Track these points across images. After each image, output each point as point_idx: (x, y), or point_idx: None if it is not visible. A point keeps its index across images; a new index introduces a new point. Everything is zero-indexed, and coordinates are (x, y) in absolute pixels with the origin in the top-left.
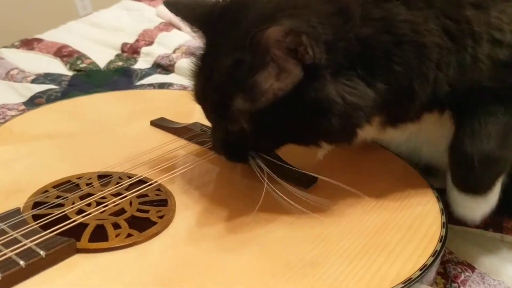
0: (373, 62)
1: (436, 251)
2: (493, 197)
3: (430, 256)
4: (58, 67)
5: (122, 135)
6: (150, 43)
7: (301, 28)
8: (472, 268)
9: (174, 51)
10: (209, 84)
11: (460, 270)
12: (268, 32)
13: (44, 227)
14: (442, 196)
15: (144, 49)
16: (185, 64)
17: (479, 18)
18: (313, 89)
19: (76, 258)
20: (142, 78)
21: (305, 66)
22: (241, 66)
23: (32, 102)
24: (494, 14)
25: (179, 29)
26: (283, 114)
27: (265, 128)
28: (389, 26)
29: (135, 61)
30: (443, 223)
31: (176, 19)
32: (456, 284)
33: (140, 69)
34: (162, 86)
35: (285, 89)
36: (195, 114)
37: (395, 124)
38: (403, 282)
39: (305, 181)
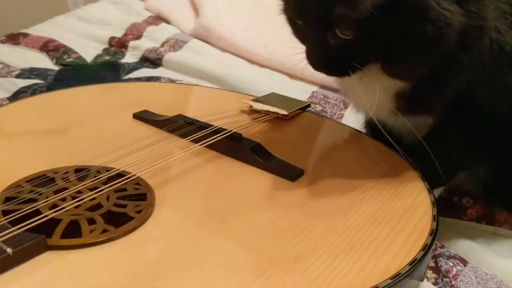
0: None
1: (427, 245)
2: None
3: (420, 250)
4: (44, 62)
5: (103, 128)
6: (138, 37)
7: None
8: (464, 262)
9: (162, 45)
10: None
11: (452, 264)
12: None
13: (15, 223)
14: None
15: (132, 43)
16: (173, 57)
17: None
18: None
19: (47, 256)
20: (129, 72)
21: None
22: None
23: (17, 97)
24: None
25: (168, 22)
26: (383, 22)
27: (366, 38)
28: None
29: (123, 55)
30: (434, 216)
31: (164, 13)
32: (447, 279)
33: (127, 63)
34: (149, 80)
35: None
36: (180, 107)
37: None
38: (391, 278)
39: (292, 174)
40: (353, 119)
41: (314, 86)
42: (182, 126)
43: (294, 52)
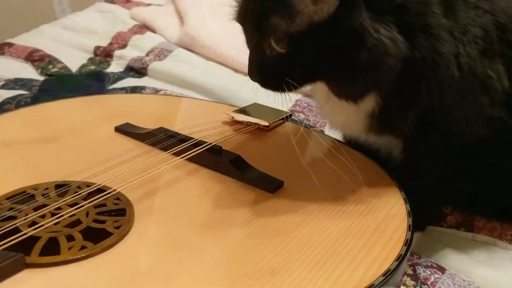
0: (408, 23)
1: (401, 255)
2: None
3: (394, 261)
4: (29, 72)
5: (84, 141)
6: (124, 46)
7: None
8: (442, 270)
9: (147, 54)
10: (250, 2)
11: (430, 273)
12: None
13: None
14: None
15: (117, 52)
16: (158, 66)
17: None
18: (348, 16)
19: (25, 274)
20: (114, 81)
21: None
22: None
23: (2, 108)
24: None
25: (153, 31)
26: (318, 41)
27: (300, 54)
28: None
29: (108, 65)
30: (409, 225)
31: (150, 21)
32: (426, 286)
33: (112, 73)
34: (134, 89)
35: (321, 14)
36: (163, 119)
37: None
38: None
39: (271, 185)
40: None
41: (297, 94)
42: (163, 139)
43: None
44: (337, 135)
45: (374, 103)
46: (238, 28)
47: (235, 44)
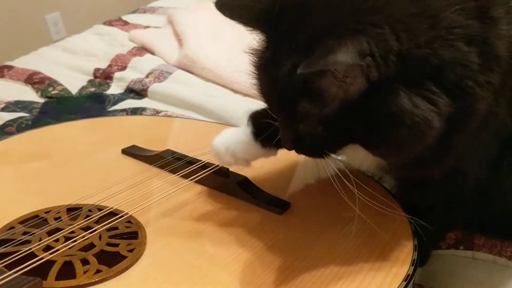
0: (446, 85)
1: (409, 275)
2: None
3: (402, 281)
4: (29, 95)
5: (92, 164)
6: (123, 68)
7: (365, 50)
8: None
9: (147, 76)
10: (275, 87)
11: None
12: (329, 59)
13: (10, 266)
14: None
15: (117, 74)
16: (158, 88)
17: None
18: (382, 97)
19: None
20: (115, 103)
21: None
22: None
23: (2, 131)
24: None
25: (152, 53)
26: (352, 118)
27: (334, 132)
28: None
29: (108, 87)
30: (415, 245)
31: (148, 44)
32: None
33: (113, 95)
34: (135, 111)
35: (352, 97)
36: (168, 141)
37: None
38: None
39: (279, 207)
40: None
41: None
42: (171, 162)
43: None
44: None
45: None
46: (236, 50)
47: (234, 65)
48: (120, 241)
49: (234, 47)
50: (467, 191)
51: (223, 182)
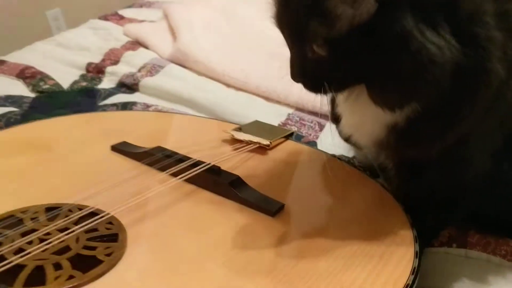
0: (459, 21)
1: (408, 284)
2: None
3: None
4: (20, 89)
5: (79, 161)
6: (116, 62)
7: None
8: None
9: (139, 70)
10: (287, 8)
11: None
12: None
13: None
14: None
15: (109, 69)
16: (150, 82)
17: None
18: (389, 19)
19: None
20: (105, 98)
21: None
22: None
23: None
24: None
25: (146, 47)
26: (359, 44)
27: (341, 58)
28: None
29: (100, 81)
30: (416, 252)
31: (142, 37)
32: None
33: (104, 89)
34: (125, 105)
35: (360, 18)
36: (159, 137)
37: None
38: None
39: (271, 209)
40: (329, 141)
41: (290, 108)
42: (161, 159)
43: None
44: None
45: (403, 116)
46: (229, 44)
47: (226, 59)
48: (98, 244)
49: (227, 41)
50: (468, 183)
51: (214, 181)
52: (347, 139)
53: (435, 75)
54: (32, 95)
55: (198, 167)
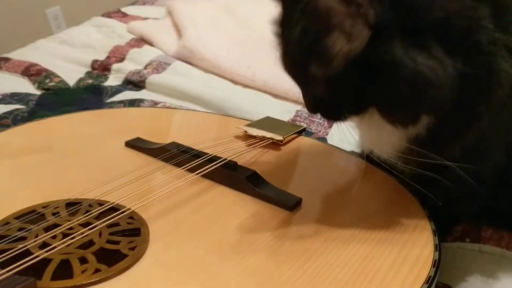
0: (452, 39)
1: (430, 277)
2: None
3: (424, 283)
4: (26, 86)
5: (94, 157)
6: (121, 59)
7: None
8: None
9: (145, 67)
10: (287, 54)
11: None
12: None
13: (3, 265)
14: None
15: (114, 66)
16: (156, 79)
17: None
18: (381, 49)
19: None
20: (112, 95)
21: (373, 25)
22: (308, 35)
23: None
24: None
25: (151, 44)
26: (357, 76)
27: (343, 91)
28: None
29: (106, 78)
30: (436, 245)
31: (147, 35)
32: None
33: (110, 86)
34: (132, 102)
35: (356, 51)
36: (172, 133)
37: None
38: None
39: (289, 203)
40: (338, 138)
41: (298, 105)
42: (176, 155)
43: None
44: (343, 144)
45: (422, 126)
46: (235, 40)
47: (233, 56)
48: (121, 238)
49: (233, 38)
50: (486, 178)
51: (231, 176)
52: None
53: (433, 96)
54: (38, 92)
55: (214, 163)
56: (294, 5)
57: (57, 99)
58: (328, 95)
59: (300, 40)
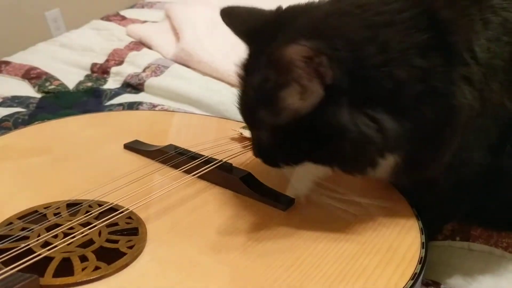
0: (402, 102)
1: (416, 273)
2: None
3: (409, 279)
4: (26, 90)
5: (94, 159)
6: (120, 62)
7: (320, 49)
8: (438, 285)
9: (144, 70)
10: (244, 96)
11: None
12: (284, 50)
13: (7, 263)
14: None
15: (114, 69)
16: (155, 82)
17: None
18: (328, 112)
19: None
20: (111, 98)
21: (326, 86)
22: (268, 83)
23: None
24: None
25: (149, 47)
26: (304, 131)
27: (288, 142)
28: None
29: (105, 81)
30: (423, 243)
31: (146, 38)
32: None
33: (109, 89)
34: (131, 105)
35: (306, 108)
36: (170, 135)
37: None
38: None
39: (282, 203)
40: None
41: None
42: (173, 157)
43: None
44: None
45: (395, 160)
46: (233, 43)
47: (230, 59)
48: (120, 237)
49: (231, 41)
50: (471, 179)
51: (226, 177)
52: None
53: (374, 153)
54: (38, 95)
55: (210, 164)
56: (261, 54)
57: (57, 102)
58: (270, 142)
59: (259, 87)
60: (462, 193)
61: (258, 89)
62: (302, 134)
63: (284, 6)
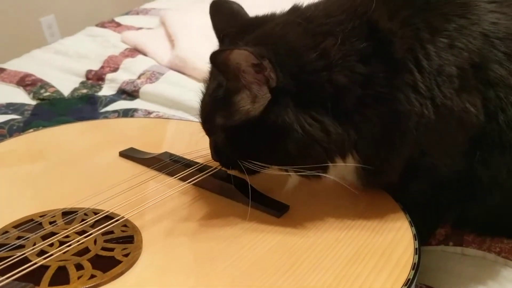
0: (344, 106)
1: (409, 279)
2: None
3: (403, 285)
4: (21, 97)
5: (89, 167)
6: (115, 69)
7: (263, 53)
8: None
9: (139, 77)
10: (203, 103)
11: None
12: (228, 55)
13: (3, 271)
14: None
15: (109, 76)
16: (150, 89)
17: None
18: (274, 112)
19: None
20: (106, 105)
21: (272, 89)
22: (221, 89)
23: None
24: None
25: (144, 54)
26: (253, 132)
27: (239, 143)
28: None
29: (100, 88)
30: (416, 249)
31: (141, 45)
32: None
33: (104, 96)
34: (126, 112)
35: (256, 110)
36: (165, 143)
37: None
38: None
39: (277, 210)
40: None
41: None
42: (169, 164)
43: None
44: None
45: (355, 162)
46: None
47: None
48: (115, 245)
49: None
50: (446, 183)
51: (221, 185)
52: None
53: (320, 151)
54: (33, 102)
55: (205, 172)
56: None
57: (52, 109)
58: (225, 143)
59: (214, 93)
60: (440, 199)
61: (213, 96)
62: (254, 135)
63: (285, 6)
